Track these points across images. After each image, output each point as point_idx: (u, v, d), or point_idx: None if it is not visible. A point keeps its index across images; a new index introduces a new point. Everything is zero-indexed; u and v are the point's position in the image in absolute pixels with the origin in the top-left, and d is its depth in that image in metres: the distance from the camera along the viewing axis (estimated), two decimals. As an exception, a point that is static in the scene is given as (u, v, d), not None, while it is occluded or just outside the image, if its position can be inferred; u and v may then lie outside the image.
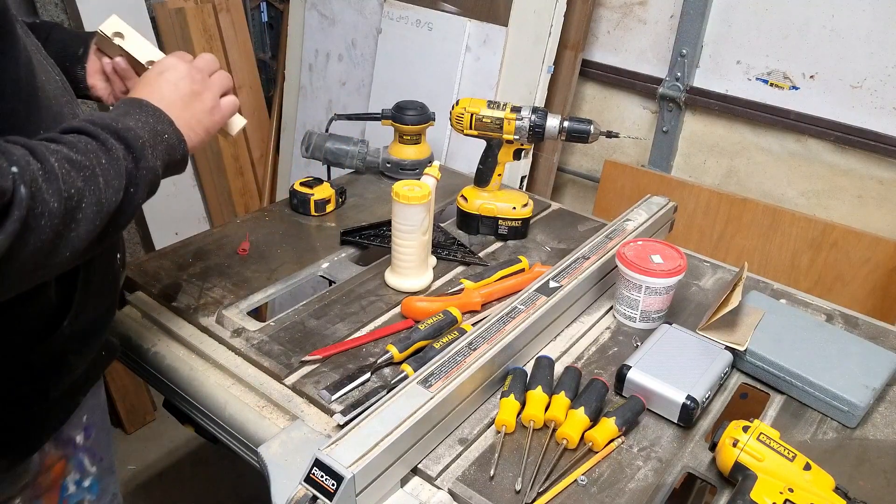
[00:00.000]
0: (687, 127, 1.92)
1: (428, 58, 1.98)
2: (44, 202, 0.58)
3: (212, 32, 2.28)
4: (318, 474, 0.74)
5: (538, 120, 1.26)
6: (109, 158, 0.66)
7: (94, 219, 0.64)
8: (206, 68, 0.86)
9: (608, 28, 1.96)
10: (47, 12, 1.94)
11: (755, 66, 1.75)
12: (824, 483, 0.79)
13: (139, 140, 0.71)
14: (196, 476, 2.18)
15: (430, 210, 1.14)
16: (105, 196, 0.65)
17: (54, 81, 0.76)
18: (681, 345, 1.02)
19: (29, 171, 0.57)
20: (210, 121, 0.84)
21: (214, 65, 0.87)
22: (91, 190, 0.63)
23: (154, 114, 0.76)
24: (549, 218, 1.47)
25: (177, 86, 0.81)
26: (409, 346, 1.02)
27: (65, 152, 0.63)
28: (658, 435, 0.92)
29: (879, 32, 1.56)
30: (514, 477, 0.84)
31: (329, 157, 1.56)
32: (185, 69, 0.83)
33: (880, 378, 0.97)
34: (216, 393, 1.00)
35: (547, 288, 1.06)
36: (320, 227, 1.40)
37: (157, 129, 0.75)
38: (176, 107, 0.79)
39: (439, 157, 1.87)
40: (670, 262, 1.08)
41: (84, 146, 0.65)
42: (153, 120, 0.75)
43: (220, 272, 1.22)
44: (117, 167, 0.67)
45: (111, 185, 0.66)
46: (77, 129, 0.67)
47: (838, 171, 1.72)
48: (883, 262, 1.64)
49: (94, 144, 0.66)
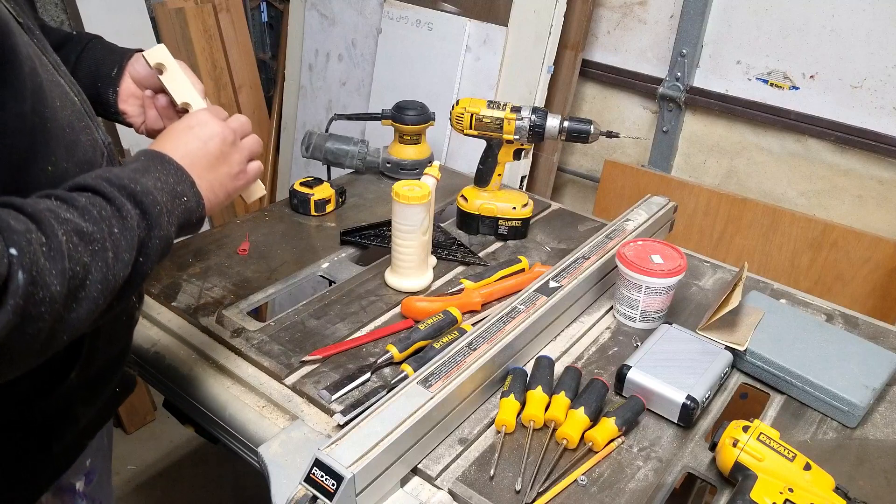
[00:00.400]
0: (687, 127, 1.92)
1: (428, 58, 1.98)
2: (45, 286, 0.53)
3: (212, 32, 2.28)
4: (318, 474, 0.74)
5: (538, 120, 1.26)
6: (122, 227, 0.61)
7: (98, 297, 0.59)
8: (240, 130, 0.81)
9: (608, 28, 1.96)
10: (47, 12, 1.94)
11: (755, 66, 1.75)
12: (824, 483, 0.79)
13: (156, 206, 0.65)
14: (196, 476, 2.18)
15: (430, 210, 1.14)
16: (113, 272, 0.60)
17: (71, 105, 0.69)
18: (681, 345, 1.02)
19: (30, 251, 0.52)
20: (233, 186, 0.79)
21: (248, 127, 0.83)
22: (98, 266, 0.58)
23: (176, 173, 0.71)
24: (549, 218, 1.47)
25: (206, 144, 0.76)
26: (409, 346, 1.02)
27: (74, 223, 0.57)
28: (658, 435, 0.92)
29: (879, 32, 1.56)
30: (514, 477, 0.84)
31: (329, 157, 1.56)
32: (218, 128, 0.78)
33: (880, 378, 0.97)
34: (216, 393, 1.00)
35: (547, 288, 1.06)
36: (320, 227, 1.40)
37: (176, 190, 0.70)
38: (200, 166, 0.74)
39: (439, 157, 1.87)
40: (670, 262, 1.08)
41: (97, 213, 0.60)
42: (173, 180, 0.70)
43: (220, 272, 1.22)
44: (129, 238, 0.62)
45: (120, 259, 0.61)
46: (92, 189, 0.62)
47: (838, 171, 1.72)
48: (883, 262, 1.64)
49: (108, 210, 0.61)
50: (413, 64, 2.01)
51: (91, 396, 0.79)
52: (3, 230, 0.51)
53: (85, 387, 0.77)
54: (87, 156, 0.69)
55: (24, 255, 0.51)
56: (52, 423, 0.75)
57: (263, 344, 1.05)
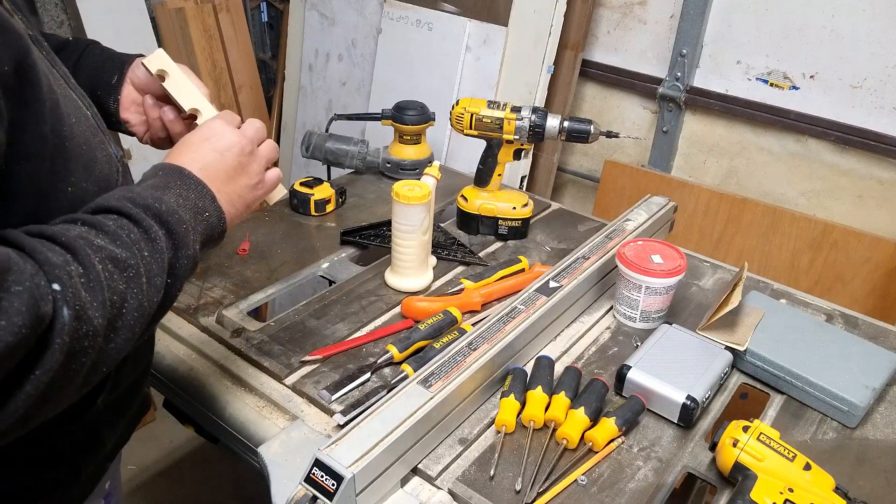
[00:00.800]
0: (687, 127, 1.92)
1: (428, 58, 1.98)
2: (87, 320, 0.50)
3: (212, 32, 2.28)
4: (318, 474, 0.74)
5: (538, 120, 1.26)
6: (152, 250, 0.59)
7: (135, 325, 0.56)
8: (256, 138, 0.77)
9: (608, 28, 1.97)
10: (47, 12, 1.94)
11: (755, 66, 1.75)
12: (824, 483, 0.79)
13: (182, 225, 0.63)
14: (196, 476, 2.18)
15: (430, 210, 1.14)
16: (147, 297, 0.57)
17: (84, 120, 0.66)
18: (681, 345, 1.02)
19: (71, 285, 0.49)
20: (252, 196, 0.76)
21: (263, 133, 0.79)
22: (133, 293, 0.56)
23: (197, 188, 0.68)
24: (549, 218, 1.47)
25: (223, 156, 0.72)
26: (409, 346, 1.02)
27: (108, 250, 0.54)
28: (658, 435, 0.92)
29: (879, 32, 1.56)
30: (514, 477, 0.84)
31: (329, 157, 1.56)
32: (235, 138, 0.74)
33: (880, 378, 0.97)
34: (216, 393, 1.00)
35: (547, 288, 1.06)
36: (320, 227, 1.40)
37: (198, 206, 0.67)
38: (218, 179, 0.71)
39: (439, 157, 1.87)
40: (670, 262, 1.08)
41: (127, 237, 0.57)
42: (195, 196, 0.67)
43: (220, 272, 1.22)
44: (160, 261, 0.59)
45: (153, 284, 0.58)
46: (116, 211, 0.59)
47: (838, 171, 1.72)
48: (883, 262, 1.64)
49: (136, 233, 0.58)
50: (413, 64, 2.01)
51: (116, 419, 0.77)
52: (43, 265, 0.49)
53: (111, 410, 0.75)
54: (104, 173, 0.67)
55: (66, 290, 0.49)
56: (81, 450, 0.73)
57: (263, 344, 1.05)
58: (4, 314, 0.45)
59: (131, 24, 2.07)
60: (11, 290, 0.46)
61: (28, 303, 0.46)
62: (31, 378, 0.48)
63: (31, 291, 0.47)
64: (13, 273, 0.46)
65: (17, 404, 0.48)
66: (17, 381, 0.48)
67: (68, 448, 0.70)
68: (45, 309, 0.47)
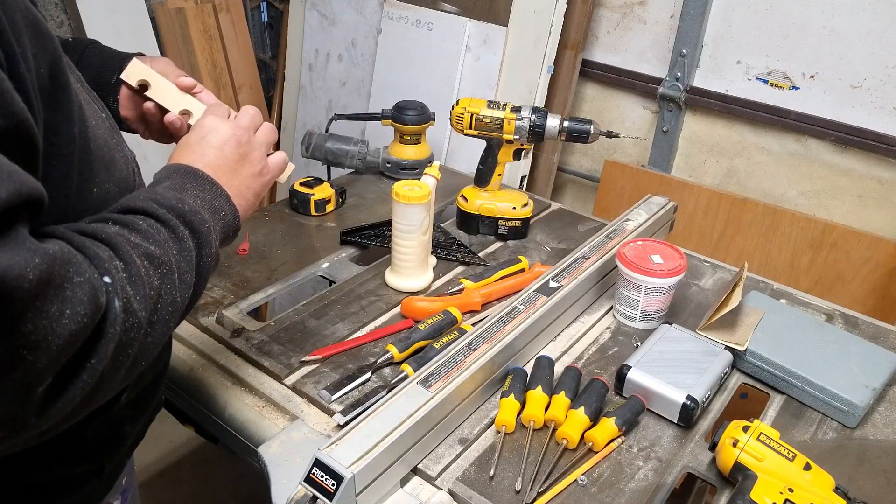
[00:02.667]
0: (687, 127, 1.92)
1: (428, 58, 1.98)
2: (133, 313, 0.52)
3: (212, 32, 2.28)
4: (318, 474, 0.74)
5: (538, 120, 1.26)
6: (180, 249, 0.60)
7: (169, 320, 0.58)
8: (251, 125, 0.78)
9: (608, 28, 1.97)
10: (47, 12, 1.94)
11: (755, 66, 1.75)
12: (824, 483, 0.79)
13: (204, 224, 0.64)
14: (196, 476, 2.18)
15: (430, 210, 1.14)
16: (180, 293, 0.59)
17: (102, 122, 0.67)
18: (681, 345, 1.02)
19: (119, 279, 0.51)
20: (259, 184, 0.77)
21: (258, 118, 0.80)
22: (167, 289, 0.57)
23: (211, 188, 0.69)
24: (549, 218, 1.47)
25: (222, 150, 0.73)
26: (409, 346, 1.02)
27: (144, 247, 0.56)
28: (658, 435, 0.92)
29: (879, 32, 1.56)
30: (514, 477, 0.84)
31: (329, 157, 1.56)
32: (229, 130, 0.74)
33: (880, 378, 0.97)
34: (216, 393, 1.00)
35: (547, 288, 1.06)
36: (320, 227, 1.40)
37: (214, 205, 0.68)
38: (223, 174, 0.72)
39: (439, 157, 1.87)
40: (670, 262, 1.08)
41: (157, 235, 0.59)
42: (210, 196, 0.68)
43: (220, 272, 1.22)
44: (188, 259, 0.61)
45: (184, 281, 0.60)
46: (143, 211, 0.60)
47: (838, 171, 1.72)
48: (883, 262, 1.64)
49: (164, 233, 0.60)
50: (413, 64, 2.01)
51: (137, 415, 0.79)
52: (92, 259, 0.51)
53: (132, 406, 0.76)
54: (123, 173, 0.68)
55: (115, 283, 0.51)
56: (105, 445, 0.74)
57: (263, 344, 1.05)
58: (69, 303, 0.47)
59: (131, 24, 2.07)
60: (74, 280, 0.48)
61: (89, 293, 0.48)
62: (87, 367, 0.50)
63: (90, 283, 0.49)
64: (73, 265, 0.48)
65: (74, 392, 0.50)
66: (74, 369, 0.50)
67: (94, 443, 0.72)
68: (101, 300, 0.49)
